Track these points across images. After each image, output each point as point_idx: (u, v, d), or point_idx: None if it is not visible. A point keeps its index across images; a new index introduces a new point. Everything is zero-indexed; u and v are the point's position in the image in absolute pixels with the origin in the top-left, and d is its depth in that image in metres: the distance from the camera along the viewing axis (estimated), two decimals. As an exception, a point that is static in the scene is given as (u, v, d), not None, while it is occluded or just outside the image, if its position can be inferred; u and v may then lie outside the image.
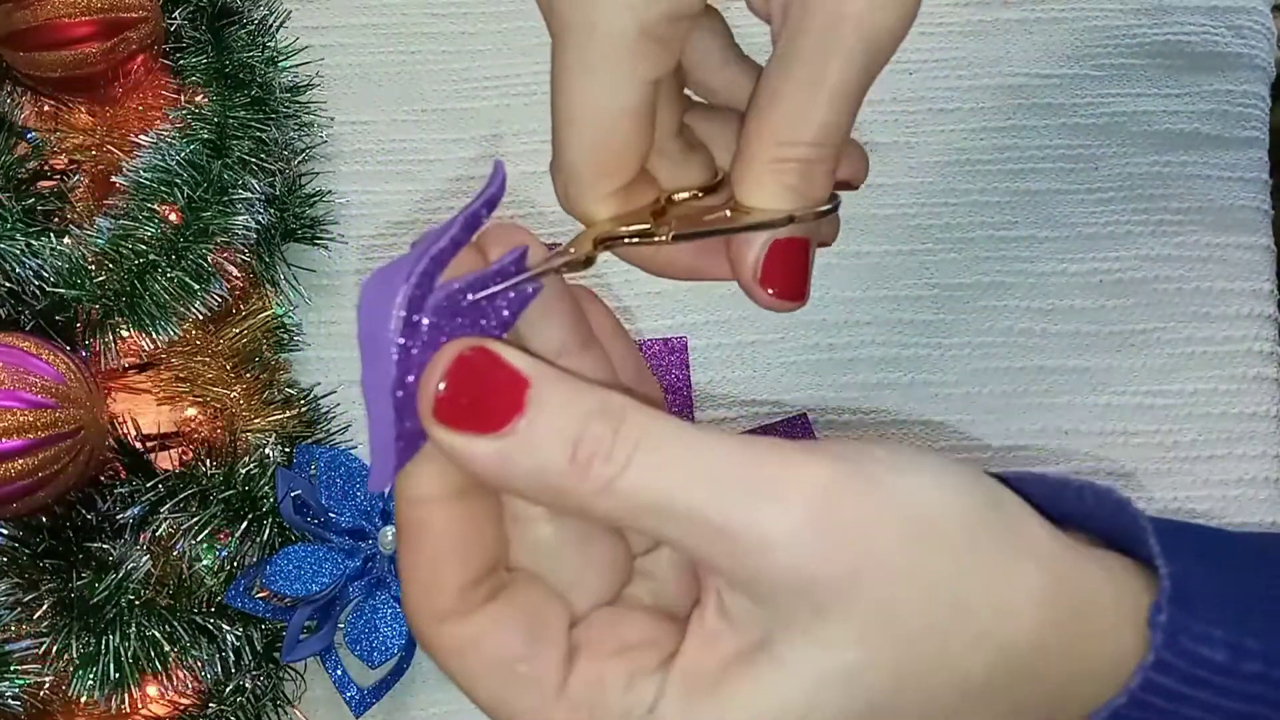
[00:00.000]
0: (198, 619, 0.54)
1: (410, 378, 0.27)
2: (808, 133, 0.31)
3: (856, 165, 0.36)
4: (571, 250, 0.30)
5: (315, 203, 0.63)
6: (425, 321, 0.27)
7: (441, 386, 0.26)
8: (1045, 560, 0.28)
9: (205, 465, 0.56)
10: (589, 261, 0.30)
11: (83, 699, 0.53)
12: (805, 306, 0.35)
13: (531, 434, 0.26)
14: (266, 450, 0.57)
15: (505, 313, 0.28)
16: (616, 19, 0.30)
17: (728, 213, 0.33)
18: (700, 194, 0.34)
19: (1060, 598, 0.28)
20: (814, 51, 0.31)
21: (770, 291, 0.33)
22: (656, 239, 0.32)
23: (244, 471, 0.56)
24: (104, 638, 0.52)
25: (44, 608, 0.53)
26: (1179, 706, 0.29)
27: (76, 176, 0.60)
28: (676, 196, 0.34)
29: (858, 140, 0.35)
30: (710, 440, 0.27)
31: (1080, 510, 0.31)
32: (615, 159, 0.32)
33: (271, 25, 0.63)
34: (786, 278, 0.33)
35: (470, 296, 0.28)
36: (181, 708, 0.54)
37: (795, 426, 0.60)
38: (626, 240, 0.32)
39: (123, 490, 0.55)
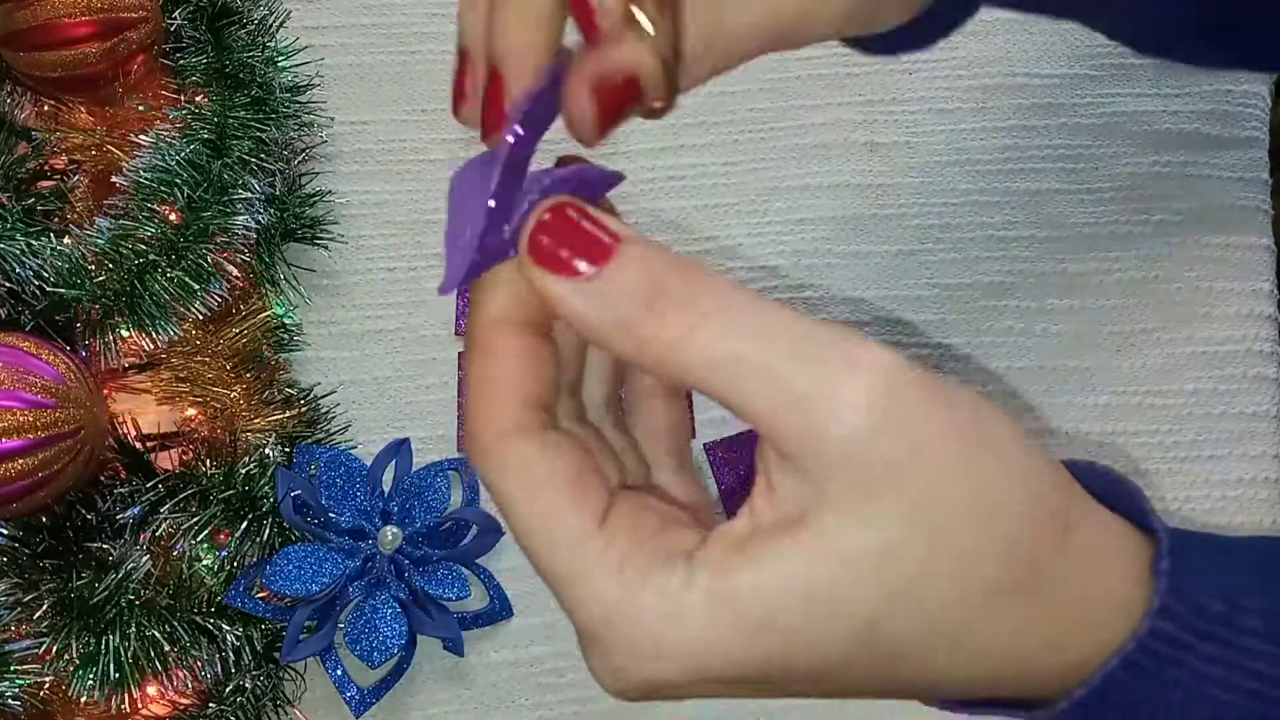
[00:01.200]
0: (198, 619, 0.54)
1: (508, 204, 0.29)
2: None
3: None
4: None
5: (315, 203, 0.63)
6: (530, 171, 0.30)
7: (543, 221, 0.29)
8: (1063, 489, 0.30)
9: (205, 465, 0.56)
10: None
11: (83, 699, 0.53)
12: (804, 304, 0.35)
13: (617, 279, 0.28)
14: (266, 450, 0.57)
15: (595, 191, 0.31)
16: None
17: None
18: None
19: (1068, 522, 0.29)
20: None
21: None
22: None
23: (244, 471, 0.56)
24: (104, 638, 0.52)
25: (44, 608, 0.53)
26: (1182, 655, 0.30)
27: (76, 176, 0.60)
28: None
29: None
30: (785, 312, 0.28)
31: (1083, 483, 0.32)
32: None
33: (271, 25, 0.63)
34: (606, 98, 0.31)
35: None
36: (181, 708, 0.54)
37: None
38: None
39: (122, 490, 0.55)
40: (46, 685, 0.53)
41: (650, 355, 0.28)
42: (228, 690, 0.54)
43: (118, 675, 0.52)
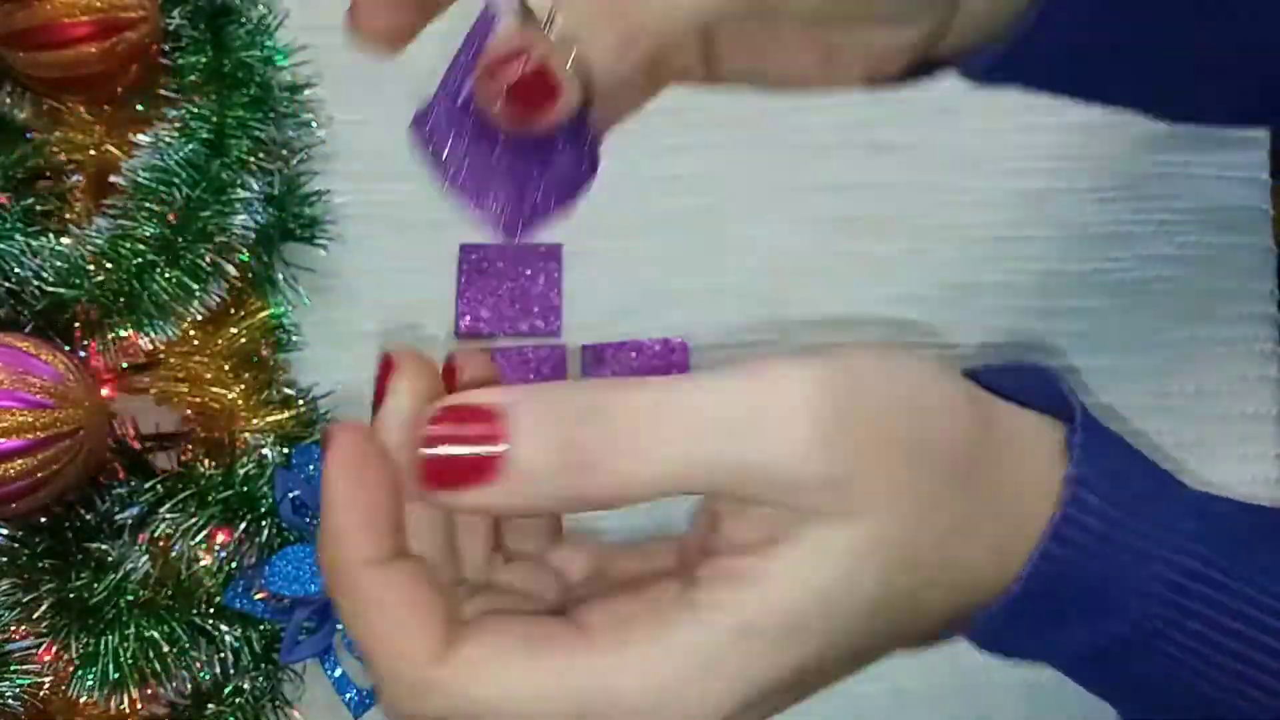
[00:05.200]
0: (196, 620, 0.54)
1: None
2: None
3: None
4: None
5: (314, 202, 0.62)
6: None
7: (426, 446, 0.27)
8: (991, 406, 0.31)
9: (204, 465, 0.56)
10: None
11: (82, 699, 0.53)
12: (804, 306, 0.35)
13: (521, 469, 0.26)
14: (265, 450, 0.57)
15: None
16: None
17: None
18: None
19: (998, 425, 0.31)
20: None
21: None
22: None
23: (242, 472, 0.56)
24: (103, 638, 0.52)
25: (43, 608, 0.53)
26: (1110, 530, 0.30)
27: (76, 176, 0.60)
28: None
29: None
30: (690, 389, 0.27)
31: (1016, 385, 0.33)
32: None
33: (270, 24, 0.63)
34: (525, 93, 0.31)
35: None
36: (180, 708, 0.54)
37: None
38: None
39: (121, 490, 0.55)
40: (46, 685, 0.53)
41: (592, 505, 0.27)
42: (226, 691, 0.54)
43: (117, 675, 0.52)
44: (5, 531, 0.54)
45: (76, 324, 0.56)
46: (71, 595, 0.53)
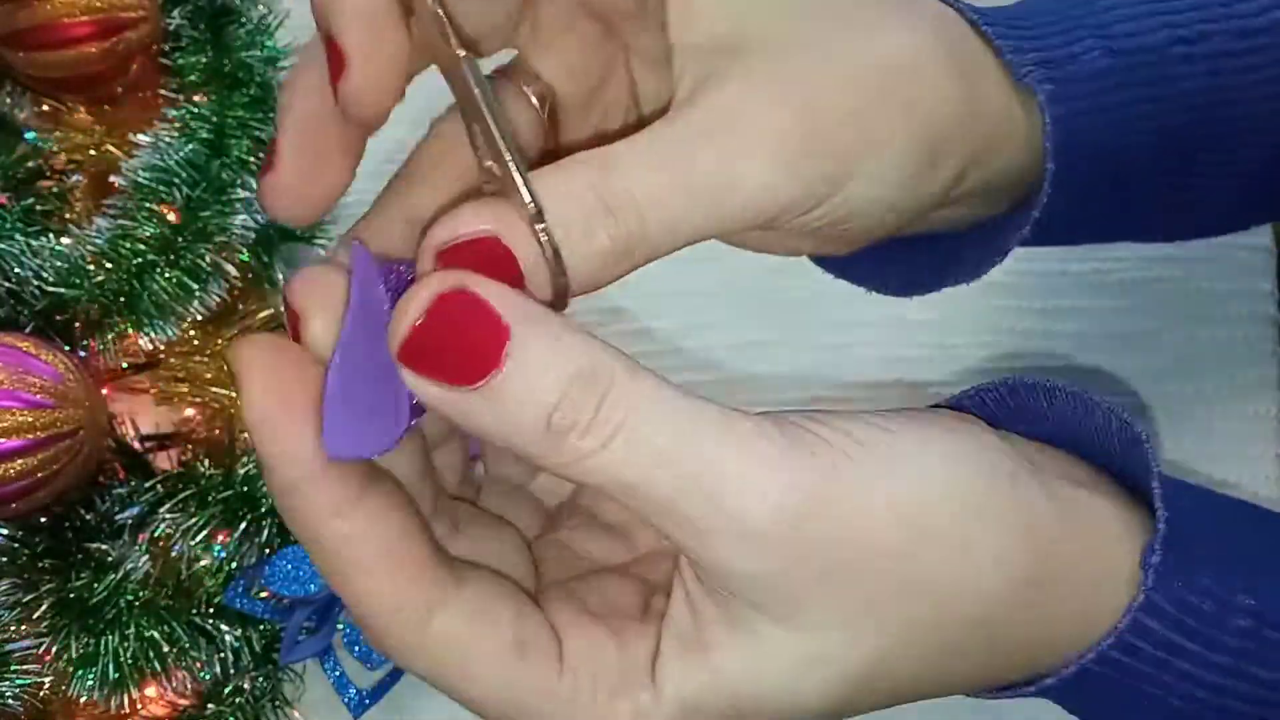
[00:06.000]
0: (196, 620, 0.54)
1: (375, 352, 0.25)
2: (646, 182, 0.27)
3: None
4: None
5: (314, 202, 0.62)
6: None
7: (415, 324, 0.24)
8: (1036, 529, 0.28)
9: (204, 466, 0.56)
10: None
11: (82, 699, 0.53)
12: (804, 306, 0.34)
13: (506, 392, 0.24)
14: (265, 450, 0.57)
15: None
16: None
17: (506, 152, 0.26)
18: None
19: (1047, 564, 0.28)
20: (717, 124, 0.27)
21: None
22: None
23: (243, 472, 0.56)
24: (103, 638, 0.52)
25: (43, 608, 0.53)
26: (1171, 657, 0.29)
27: (76, 176, 0.60)
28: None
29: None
30: (696, 422, 0.26)
31: (1100, 436, 0.31)
32: None
33: (270, 24, 0.63)
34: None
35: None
36: (180, 708, 0.54)
37: None
38: None
39: (121, 491, 0.55)
40: (46, 685, 0.53)
41: (560, 469, 0.25)
42: (226, 691, 0.54)
43: (117, 676, 0.52)
44: (5, 531, 0.54)
45: (76, 324, 0.56)
46: (71, 595, 0.53)
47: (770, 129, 0.28)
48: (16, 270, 0.55)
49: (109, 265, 0.56)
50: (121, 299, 0.56)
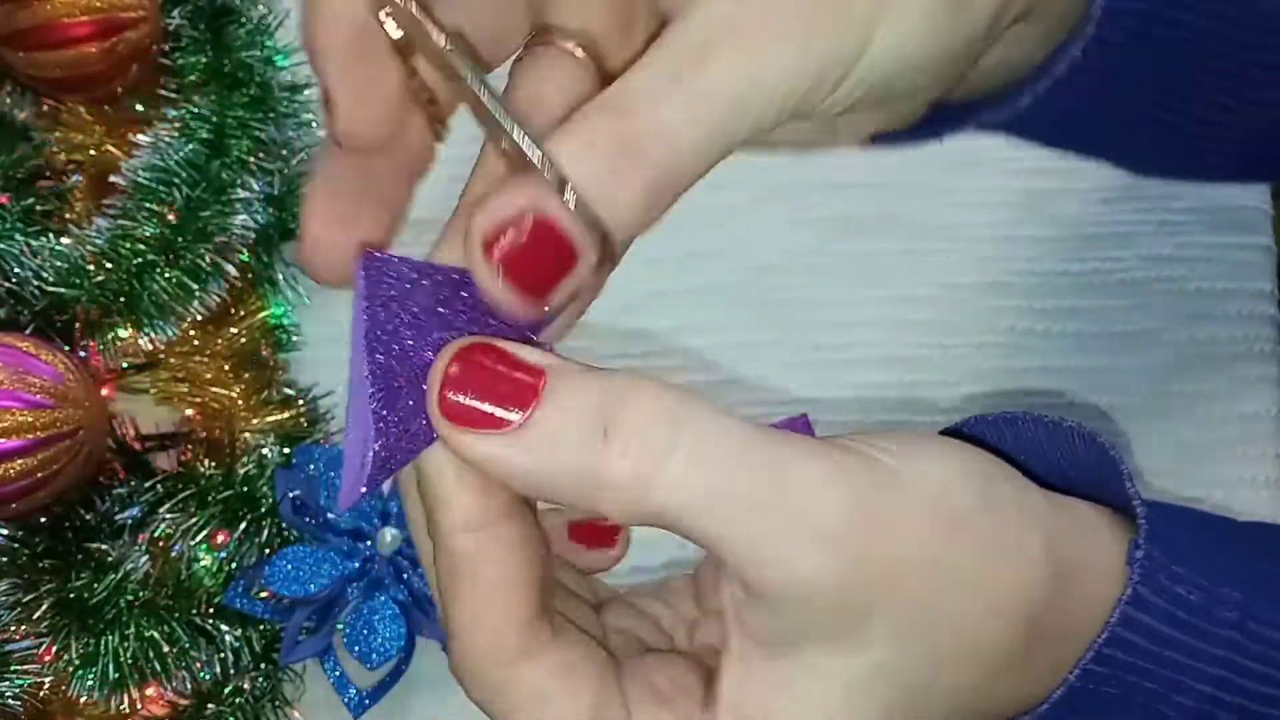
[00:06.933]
0: (196, 620, 0.54)
1: (393, 376, 0.25)
2: (658, 116, 0.26)
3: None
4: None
5: (314, 202, 0.62)
6: (412, 314, 0.25)
7: (451, 375, 0.25)
8: (1045, 526, 0.29)
9: (204, 466, 0.56)
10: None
11: (82, 699, 0.53)
12: (803, 307, 0.34)
13: (556, 419, 0.24)
14: (265, 450, 0.57)
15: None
16: None
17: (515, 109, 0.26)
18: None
19: (1060, 561, 0.29)
20: (718, 33, 0.26)
21: (500, 275, 0.25)
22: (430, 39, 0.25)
23: (243, 472, 0.56)
24: (103, 638, 0.52)
25: (43, 608, 0.53)
26: (1161, 649, 0.30)
27: (76, 176, 0.60)
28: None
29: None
30: (747, 441, 0.25)
31: (1069, 454, 0.32)
32: None
33: (270, 24, 0.63)
34: (530, 263, 0.25)
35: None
36: (180, 708, 0.54)
37: (795, 426, 0.60)
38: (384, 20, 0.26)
39: (121, 491, 0.55)
40: (46, 685, 0.53)
41: (611, 501, 0.25)
42: (226, 691, 0.54)
43: (117, 676, 0.52)
44: (5, 531, 0.54)
45: (76, 324, 0.56)
46: (71, 595, 0.53)
47: (774, 16, 0.27)
48: (16, 270, 0.55)
49: (109, 265, 0.56)
50: (121, 299, 0.56)
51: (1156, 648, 0.29)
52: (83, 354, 0.56)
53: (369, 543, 0.55)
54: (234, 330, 0.59)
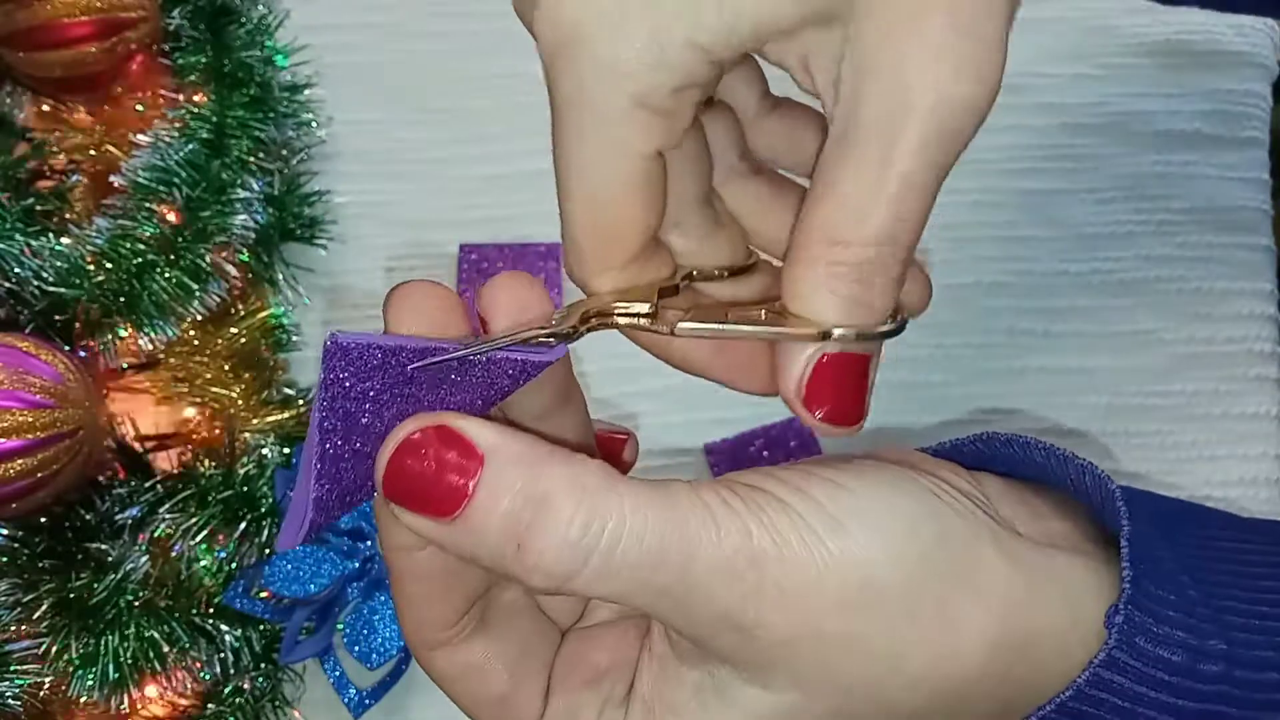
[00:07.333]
0: (196, 620, 0.54)
1: (340, 441, 0.26)
2: (866, 231, 0.28)
3: (915, 288, 0.32)
4: (553, 321, 0.28)
5: (314, 202, 0.63)
6: (368, 388, 0.26)
7: (399, 455, 0.26)
8: (995, 593, 0.28)
9: (204, 466, 0.56)
10: (573, 335, 0.28)
11: (82, 699, 0.53)
12: None
13: (474, 522, 0.26)
14: (265, 450, 0.57)
15: (505, 382, 0.28)
16: (607, 90, 0.27)
17: (763, 313, 0.29)
18: (725, 274, 0.32)
19: (1006, 633, 0.28)
20: (876, 133, 0.28)
21: (818, 414, 0.29)
22: (655, 327, 0.29)
23: (242, 472, 0.56)
24: (103, 638, 0.52)
25: (43, 608, 0.53)
26: (1136, 706, 0.29)
27: (76, 176, 0.60)
28: (700, 276, 0.31)
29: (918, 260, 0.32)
30: (649, 513, 0.26)
31: (1066, 484, 0.31)
32: (613, 233, 0.29)
33: (270, 24, 0.63)
34: (838, 399, 0.30)
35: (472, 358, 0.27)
36: (180, 708, 0.54)
37: (794, 428, 0.60)
38: (619, 321, 0.29)
39: (121, 491, 0.55)
40: (46, 685, 0.52)
41: (538, 580, 0.26)
42: (226, 691, 0.54)
43: (117, 676, 0.52)
44: (5, 531, 0.54)
45: (76, 324, 0.56)
46: (71, 595, 0.53)
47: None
48: (16, 270, 0.55)
49: (109, 265, 0.56)
50: (121, 299, 0.55)
51: (1129, 705, 0.29)
52: (83, 354, 0.56)
53: (369, 542, 0.55)
54: (234, 330, 0.59)
